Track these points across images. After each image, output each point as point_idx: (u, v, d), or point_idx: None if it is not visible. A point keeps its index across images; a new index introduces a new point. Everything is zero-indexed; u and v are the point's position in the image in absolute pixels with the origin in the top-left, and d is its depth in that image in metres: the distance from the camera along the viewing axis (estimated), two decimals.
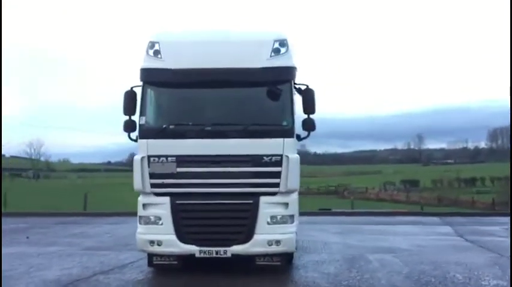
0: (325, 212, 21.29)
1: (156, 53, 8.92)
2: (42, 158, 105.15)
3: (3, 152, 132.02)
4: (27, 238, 14.05)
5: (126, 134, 9.04)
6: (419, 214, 22.21)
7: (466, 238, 13.83)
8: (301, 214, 20.47)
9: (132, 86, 9.04)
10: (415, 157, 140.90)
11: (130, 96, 8.95)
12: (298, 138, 9.12)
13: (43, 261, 10.39)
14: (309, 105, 9.06)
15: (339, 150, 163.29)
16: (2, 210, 22.43)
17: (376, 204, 48.49)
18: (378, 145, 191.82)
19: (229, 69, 8.68)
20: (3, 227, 16.90)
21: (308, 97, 9.08)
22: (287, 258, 9.28)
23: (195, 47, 8.99)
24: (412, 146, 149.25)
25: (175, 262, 8.93)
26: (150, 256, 8.97)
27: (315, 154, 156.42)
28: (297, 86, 9.18)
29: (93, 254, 11.08)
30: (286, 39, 9.00)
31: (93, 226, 17.12)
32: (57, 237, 14.26)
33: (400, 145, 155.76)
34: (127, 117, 8.99)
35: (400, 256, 10.83)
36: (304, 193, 65.60)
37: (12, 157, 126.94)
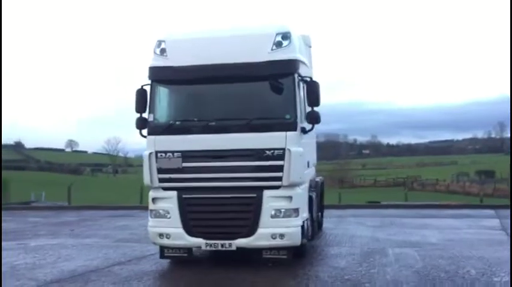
0: (373, 205, 20.87)
1: (162, 51, 9.20)
2: (120, 154, 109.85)
3: (86, 149, 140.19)
4: (72, 230, 14.91)
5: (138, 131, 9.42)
6: (476, 206, 21.27)
7: (509, 232, 13.11)
8: (348, 206, 20.70)
9: (142, 84, 9.38)
10: (496, 146, 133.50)
11: (141, 94, 9.29)
12: (304, 131, 9.08)
13: (73, 252, 11.04)
14: (313, 98, 9.01)
15: (413, 140, 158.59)
16: (67, 204, 23.89)
17: (445, 196, 46.78)
18: (456, 134, 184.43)
19: (230, 64, 8.81)
20: (56, 219, 18.10)
21: (312, 90, 9.04)
22: (297, 251, 9.27)
23: (199, 44, 9.19)
24: (493, 135, 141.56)
25: (186, 254, 9.22)
26: (162, 248, 9.31)
27: (388, 145, 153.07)
28: (305, 79, 9.17)
29: (121, 246, 11.63)
30: (288, 32, 8.97)
31: (139, 219, 17.84)
32: (98, 230, 15.01)
33: (480, 134, 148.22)
34: (139, 115, 9.36)
35: (422, 250, 10.49)
36: (370, 185, 64.81)
37: (94, 153, 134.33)
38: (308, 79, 9.15)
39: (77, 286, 8.07)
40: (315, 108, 9.07)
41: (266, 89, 8.89)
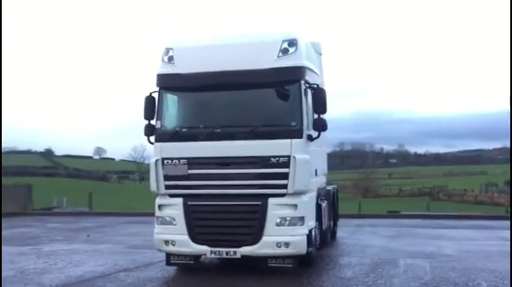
0: (393, 215, 20.55)
1: (170, 59, 9.26)
2: (146, 161, 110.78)
3: (113, 156, 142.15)
4: (88, 236, 15.06)
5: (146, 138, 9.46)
6: (499, 217, 20.78)
7: None
8: (367, 216, 20.42)
9: (151, 91, 9.44)
10: None
11: (149, 101, 9.35)
12: (311, 139, 8.99)
13: (84, 258, 11.13)
14: (320, 105, 8.93)
15: (442, 150, 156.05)
16: (88, 210, 24.21)
17: (472, 207, 45.89)
18: (486, 143, 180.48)
19: (236, 71, 8.80)
20: (75, 225, 18.32)
21: (318, 97, 8.96)
22: (304, 260, 9.16)
23: (205, 52, 9.22)
24: None
25: (192, 262, 9.20)
26: (168, 255, 9.31)
27: (415, 154, 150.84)
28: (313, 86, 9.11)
29: (132, 252, 11.69)
30: (295, 39, 8.92)
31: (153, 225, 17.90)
32: (113, 236, 15.14)
33: None
34: (147, 122, 9.42)
35: (435, 261, 10.26)
36: (395, 195, 63.88)
37: (121, 160, 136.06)
38: (315, 86, 9.07)
39: None
40: (322, 116, 8.99)
41: (272, 96, 8.84)
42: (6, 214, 21.64)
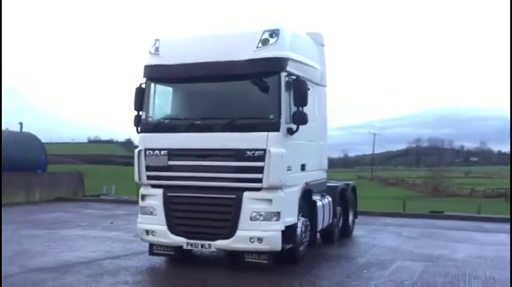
0: (433, 215, 19.48)
1: (156, 50, 9.31)
2: None
3: None
4: (111, 223, 15.51)
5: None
6: None
7: None
8: (407, 215, 19.37)
9: (141, 82, 9.53)
10: None
11: (138, 92, 9.45)
12: (291, 132, 8.70)
13: (86, 244, 11.55)
14: (299, 98, 8.63)
15: None
16: (127, 198, 24.73)
17: None
18: None
19: (215, 62, 8.70)
20: (109, 212, 18.94)
21: (298, 89, 8.64)
22: (288, 257, 9.01)
23: (190, 43, 9.18)
24: None
25: (172, 253, 9.21)
26: (151, 245, 9.39)
27: (499, 153, 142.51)
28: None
29: (134, 241, 11.81)
30: (278, 29, 8.65)
31: None
32: (133, 224, 15.44)
33: None
34: (136, 113, 9.53)
35: (435, 265, 9.67)
36: (466, 195, 60.56)
37: None
38: (294, 77, 8.76)
39: (52, 275, 8.38)
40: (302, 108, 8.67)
41: (251, 88, 8.64)
42: (59, 198, 23.03)
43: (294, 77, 8.74)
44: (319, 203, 10.45)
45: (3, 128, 25.50)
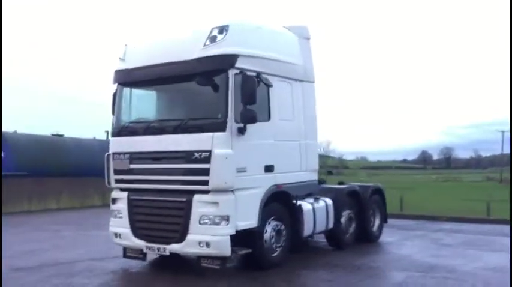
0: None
1: (124, 55, 9.44)
2: (332, 155, 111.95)
3: None
4: None
5: None
6: None
7: None
8: (491, 221, 16.91)
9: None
10: None
11: (112, 97, 9.67)
12: (242, 132, 8.27)
13: (85, 244, 12.03)
14: (246, 95, 8.17)
15: None
16: None
17: None
18: None
19: (167, 63, 8.61)
20: None
21: (245, 86, 8.19)
22: (263, 264, 8.82)
23: (149, 46, 9.24)
24: None
25: (141, 256, 9.19)
26: (124, 248, 9.46)
27: None
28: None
29: None
30: (227, 25, 8.30)
31: None
32: None
33: None
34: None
35: (429, 277, 8.62)
36: None
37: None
38: (254, 74, 8.36)
39: (29, 275, 8.77)
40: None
41: (201, 88, 8.39)
42: None
43: (252, 74, 8.33)
44: (306, 207, 9.80)
45: (90, 136, 27.60)
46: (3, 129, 22.19)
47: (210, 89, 8.30)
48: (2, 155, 20.44)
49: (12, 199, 19.56)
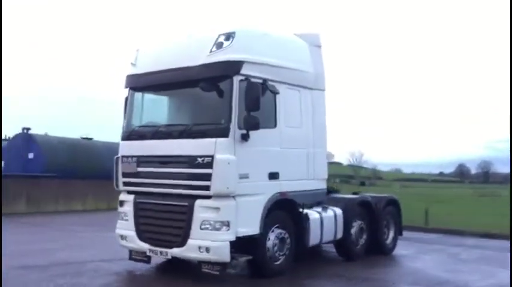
0: None
1: (135, 60, 9.60)
2: (365, 166, 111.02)
3: (342, 161, 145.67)
4: None
5: None
6: None
7: None
8: (494, 236, 16.35)
9: None
10: None
11: (124, 102, 9.84)
12: (245, 138, 8.27)
13: (97, 245, 12.20)
14: (250, 102, 8.17)
15: None
16: None
17: None
18: None
19: (174, 69, 8.72)
20: None
21: (249, 93, 8.20)
22: (264, 272, 8.74)
23: (159, 51, 9.35)
24: None
25: (146, 258, 9.26)
26: (130, 250, 9.56)
27: None
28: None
29: None
30: (234, 32, 8.35)
31: None
32: None
33: None
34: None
35: None
36: None
37: (348, 165, 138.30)
38: (261, 81, 8.40)
39: (34, 274, 8.94)
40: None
41: (207, 94, 8.45)
42: None
43: (257, 81, 8.36)
44: (313, 216, 9.70)
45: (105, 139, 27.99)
46: (33, 132, 22.89)
47: (215, 94, 8.36)
48: (31, 156, 21.06)
49: (42, 199, 20.14)
